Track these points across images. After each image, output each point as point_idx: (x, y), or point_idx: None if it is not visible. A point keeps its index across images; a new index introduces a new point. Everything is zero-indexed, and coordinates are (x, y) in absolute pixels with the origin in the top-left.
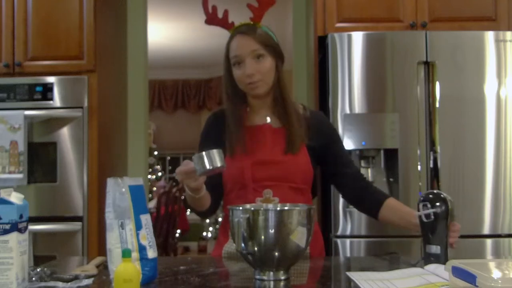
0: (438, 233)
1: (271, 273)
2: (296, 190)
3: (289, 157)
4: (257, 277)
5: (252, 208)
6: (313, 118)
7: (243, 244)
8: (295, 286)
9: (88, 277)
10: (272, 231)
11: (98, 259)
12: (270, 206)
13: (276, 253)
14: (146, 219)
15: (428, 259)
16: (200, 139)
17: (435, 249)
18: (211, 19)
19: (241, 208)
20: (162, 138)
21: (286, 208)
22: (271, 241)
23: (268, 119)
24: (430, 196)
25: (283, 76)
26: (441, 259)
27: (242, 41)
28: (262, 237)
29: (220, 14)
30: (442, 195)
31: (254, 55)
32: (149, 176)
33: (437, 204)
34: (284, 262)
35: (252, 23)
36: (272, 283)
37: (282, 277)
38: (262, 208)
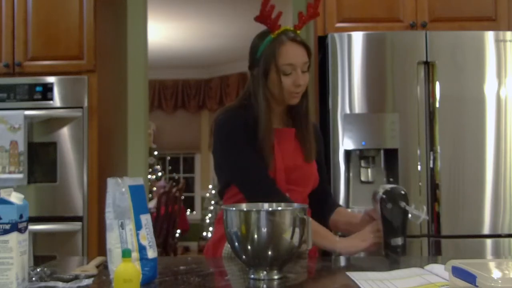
0: (403, 226)
1: (265, 272)
2: (306, 196)
3: (306, 164)
4: (251, 276)
5: (245, 209)
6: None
7: (236, 244)
8: (294, 286)
9: (88, 277)
10: (264, 231)
11: (98, 259)
12: (264, 206)
13: (269, 253)
14: (146, 219)
15: (395, 251)
16: (237, 142)
17: (400, 240)
18: (265, 17)
19: (234, 208)
20: (162, 138)
21: (279, 208)
22: (264, 241)
23: (289, 123)
24: (401, 192)
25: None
26: (404, 248)
27: (298, 50)
28: (255, 236)
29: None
30: (402, 191)
31: (305, 67)
32: (149, 176)
33: (402, 199)
34: (277, 262)
35: (293, 29)
36: (265, 282)
37: (276, 277)
38: (254, 209)
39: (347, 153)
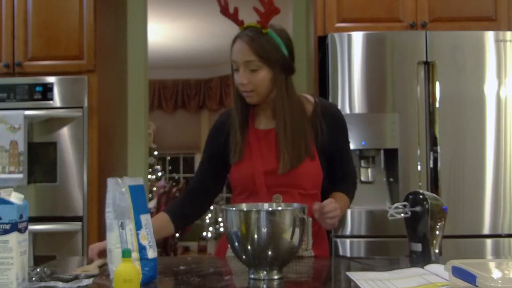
0: (419, 231)
1: (265, 272)
2: (306, 196)
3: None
4: (251, 276)
5: (245, 209)
6: (325, 112)
7: (236, 244)
8: (294, 286)
9: (88, 277)
10: (264, 231)
11: (101, 260)
12: (265, 206)
13: (269, 253)
14: (146, 219)
15: (411, 256)
16: (206, 140)
17: (415, 246)
18: (224, 11)
19: (234, 208)
20: (162, 138)
21: (279, 208)
22: (264, 241)
23: (273, 124)
24: (410, 196)
25: (283, 88)
26: (423, 257)
27: (240, 47)
28: (255, 237)
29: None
30: (421, 195)
31: (250, 65)
32: (149, 176)
33: (416, 203)
34: (277, 262)
35: (259, 26)
36: (265, 282)
37: (276, 277)
38: (254, 209)
39: None
